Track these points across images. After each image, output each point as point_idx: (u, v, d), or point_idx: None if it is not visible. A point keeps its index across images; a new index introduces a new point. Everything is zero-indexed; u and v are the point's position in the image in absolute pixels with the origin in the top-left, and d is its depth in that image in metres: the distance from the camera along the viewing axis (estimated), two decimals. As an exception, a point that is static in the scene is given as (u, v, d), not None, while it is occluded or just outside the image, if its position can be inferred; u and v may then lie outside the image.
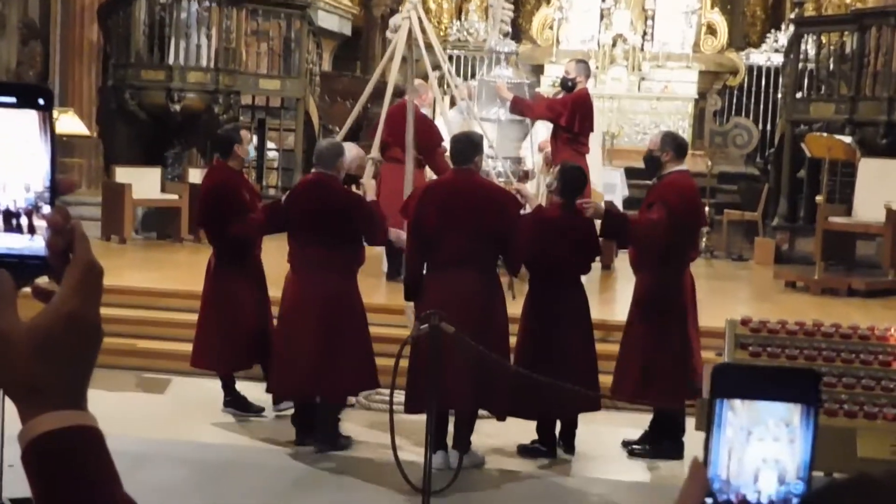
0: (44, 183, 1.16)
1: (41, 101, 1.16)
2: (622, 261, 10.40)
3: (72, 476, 1.12)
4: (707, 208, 14.13)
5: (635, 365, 7.19)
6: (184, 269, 11.93)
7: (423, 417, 6.18)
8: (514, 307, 7.25)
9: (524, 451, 7.31)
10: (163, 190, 13.65)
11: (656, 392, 7.12)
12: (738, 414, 1.00)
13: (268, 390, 7.54)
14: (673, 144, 7.39)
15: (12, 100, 1.15)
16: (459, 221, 6.68)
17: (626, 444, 7.47)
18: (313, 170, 7.34)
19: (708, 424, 1.00)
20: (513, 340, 7.11)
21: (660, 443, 7.31)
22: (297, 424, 7.26)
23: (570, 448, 7.29)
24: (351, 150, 7.92)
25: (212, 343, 7.67)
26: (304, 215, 7.07)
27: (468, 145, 6.98)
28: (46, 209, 1.16)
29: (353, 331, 7.05)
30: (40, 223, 1.16)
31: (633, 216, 7.63)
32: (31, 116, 1.16)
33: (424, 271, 6.91)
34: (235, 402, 7.80)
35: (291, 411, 7.48)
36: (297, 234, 7.13)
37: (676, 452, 7.18)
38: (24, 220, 1.16)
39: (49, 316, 1.14)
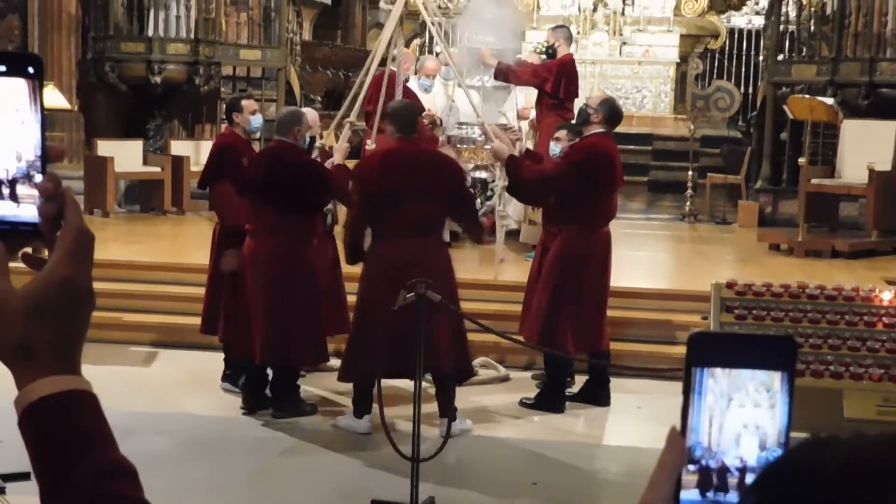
0: (35, 152, 1.15)
1: (31, 70, 1.14)
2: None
3: (69, 440, 1.13)
4: (690, 172, 14.25)
5: (543, 316, 7.31)
6: (168, 242, 11.92)
7: (411, 385, 6.18)
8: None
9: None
10: (145, 162, 13.61)
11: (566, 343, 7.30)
12: (718, 380, 0.99)
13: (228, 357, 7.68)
14: (608, 110, 7.47)
15: (2, 68, 1.14)
16: (418, 188, 6.73)
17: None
18: (274, 137, 7.42)
19: (686, 392, 1.00)
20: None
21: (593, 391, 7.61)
22: (245, 389, 7.30)
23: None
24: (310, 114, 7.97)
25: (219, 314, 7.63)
26: (260, 181, 7.11)
27: (412, 114, 7.11)
28: (38, 178, 1.15)
29: (299, 299, 7.06)
30: (28, 192, 1.15)
31: (530, 165, 7.58)
32: (20, 85, 1.14)
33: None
34: (235, 377, 7.73)
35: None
36: (253, 199, 7.16)
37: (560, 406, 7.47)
38: (15, 189, 1.15)
39: (42, 282, 1.15)
